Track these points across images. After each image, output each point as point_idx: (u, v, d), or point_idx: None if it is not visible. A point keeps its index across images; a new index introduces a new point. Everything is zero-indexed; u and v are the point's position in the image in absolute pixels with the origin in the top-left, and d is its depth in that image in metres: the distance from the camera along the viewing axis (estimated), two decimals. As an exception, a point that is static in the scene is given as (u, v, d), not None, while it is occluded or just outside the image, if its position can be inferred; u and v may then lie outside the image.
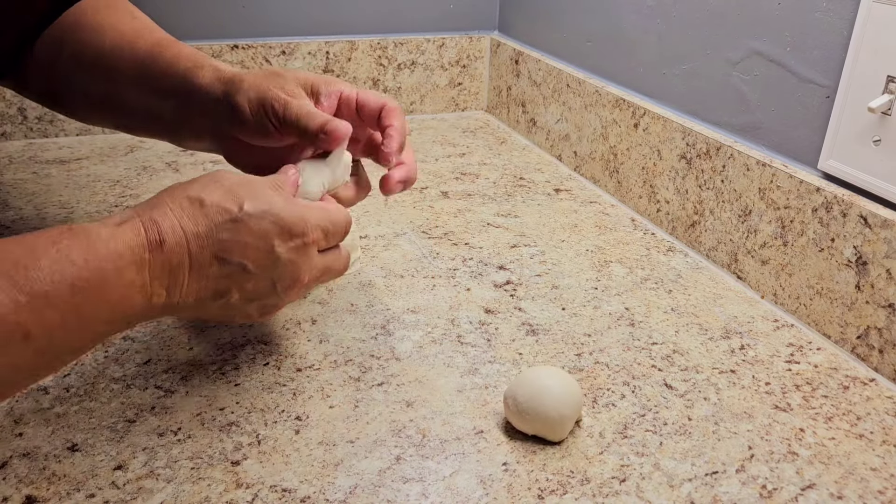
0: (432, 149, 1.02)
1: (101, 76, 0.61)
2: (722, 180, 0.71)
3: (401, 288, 0.67)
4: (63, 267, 0.39)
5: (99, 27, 0.61)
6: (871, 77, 0.58)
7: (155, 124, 0.61)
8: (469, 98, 1.18)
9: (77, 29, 0.62)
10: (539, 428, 0.48)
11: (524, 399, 0.48)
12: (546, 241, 0.76)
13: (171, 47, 0.59)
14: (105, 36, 0.61)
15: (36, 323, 0.38)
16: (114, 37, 0.61)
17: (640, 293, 0.67)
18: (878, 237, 0.56)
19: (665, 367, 0.57)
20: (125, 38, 0.60)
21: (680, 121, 0.77)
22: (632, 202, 0.85)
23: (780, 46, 0.66)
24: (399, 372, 0.55)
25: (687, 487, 0.46)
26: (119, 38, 0.60)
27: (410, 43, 1.11)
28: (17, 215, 0.77)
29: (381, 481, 0.45)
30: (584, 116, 0.93)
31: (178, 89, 0.57)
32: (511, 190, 0.89)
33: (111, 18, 0.62)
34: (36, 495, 0.43)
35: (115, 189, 0.84)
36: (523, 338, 0.60)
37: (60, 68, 0.62)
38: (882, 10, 0.56)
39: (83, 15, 0.62)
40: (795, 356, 0.59)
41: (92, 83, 0.62)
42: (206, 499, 0.44)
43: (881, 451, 0.49)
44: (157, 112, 0.59)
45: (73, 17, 0.62)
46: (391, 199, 0.85)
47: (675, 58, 0.79)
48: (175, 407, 0.51)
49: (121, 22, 0.62)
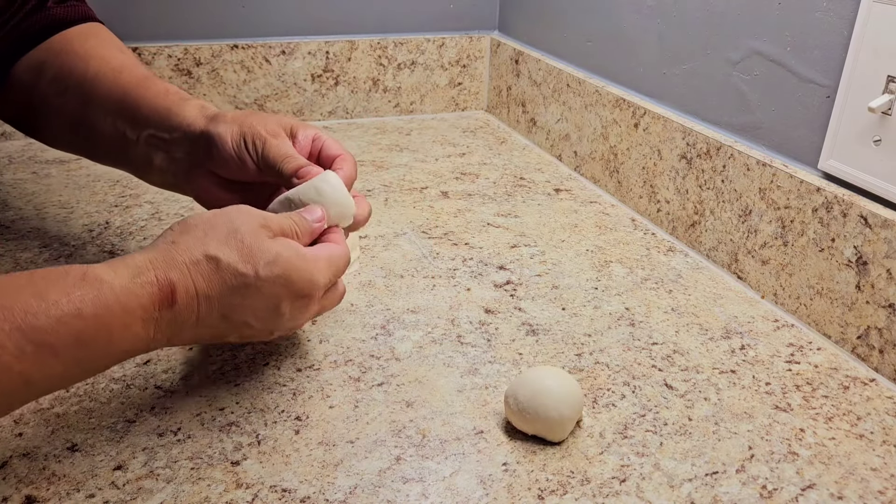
0: (432, 149, 1.02)
1: (80, 101, 0.61)
2: (722, 180, 0.71)
3: (401, 288, 0.67)
4: (72, 321, 0.39)
5: (85, 55, 0.62)
6: (871, 77, 0.58)
7: (124, 153, 0.61)
8: (469, 98, 1.18)
9: (62, 54, 0.63)
10: (539, 428, 0.48)
11: (525, 399, 0.48)
12: (546, 241, 0.76)
13: (158, 83, 0.60)
14: (90, 63, 0.62)
15: (39, 371, 0.39)
16: (99, 65, 0.61)
17: (641, 293, 0.67)
18: (879, 237, 0.56)
19: (665, 367, 0.57)
20: (110, 67, 0.61)
21: (680, 121, 0.77)
22: (632, 202, 0.85)
23: (781, 46, 0.66)
24: (399, 372, 0.55)
25: (687, 487, 0.46)
26: (104, 66, 0.61)
27: (410, 43, 1.11)
28: (17, 215, 0.77)
29: (381, 481, 0.45)
30: (584, 116, 0.93)
31: (160, 120, 0.58)
32: (511, 190, 0.89)
33: (99, 49, 0.63)
34: (36, 495, 0.43)
35: (115, 189, 0.84)
36: (523, 338, 0.60)
37: (39, 91, 0.63)
38: (882, 10, 0.56)
39: (69, 42, 0.63)
40: (796, 356, 0.59)
41: (68, 107, 0.62)
42: (206, 499, 0.44)
43: (881, 452, 0.49)
44: (131, 141, 0.59)
45: (59, 43, 0.63)
46: (391, 199, 0.85)
47: (675, 58, 0.79)
48: (175, 407, 0.51)
49: (108, 53, 0.63)
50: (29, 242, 0.71)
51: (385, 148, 1.01)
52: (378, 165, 0.95)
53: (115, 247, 0.71)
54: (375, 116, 1.14)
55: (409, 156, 0.99)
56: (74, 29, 0.64)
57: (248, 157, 0.54)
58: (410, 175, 0.92)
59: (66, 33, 0.64)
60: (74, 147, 0.67)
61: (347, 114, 1.12)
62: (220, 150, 0.55)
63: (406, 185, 0.89)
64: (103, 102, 0.60)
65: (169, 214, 0.78)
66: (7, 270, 0.66)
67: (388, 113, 1.14)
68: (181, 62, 1.01)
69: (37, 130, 0.68)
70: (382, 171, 0.93)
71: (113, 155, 0.63)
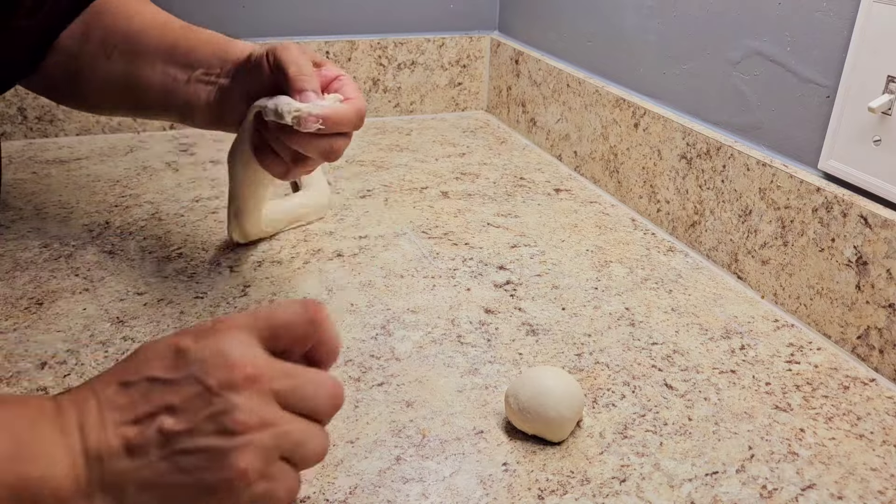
0: (432, 149, 1.02)
1: (127, 56, 0.64)
2: (722, 180, 0.71)
3: (401, 288, 0.67)
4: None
5: (127, 13, 0.66)
6: (871, 77, 0.58)
7: (172, 98, 0.63)
8: (469, 98, 1.18)
9: (104, 15, 0.66)
10: (540, 428, 0.48)
11: (526, 399, 0.48)
12: (546, 241, 0.76)
13: (204, 30, 0.65)
14: (133, 20, 0.65)
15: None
16: (143, 20, 0.65)
17: (641, 293, 0.67)
18: (879, 237, 0.56)
19: (665, 367, 0.57)
20: (156, 21, 0.65)
21: (680, 121, 0.77)
22: (632, 202, 0.85)
23: (780, 46, 0.66)
24: (399, 372, 0.55)
25: (687, 487, 0.46)
26: (149, 20, 0.65)
27: (410, 43, 1.11)
28: (18, 215, 0.77)
29: (381, 481, 0.45)
30: (584, 116, 0.93)
31: (214, 57, 0.62)
32: (511, 190, 0.89)
33: (138, 6, 0.67)
34: (36, 495, 0.43)
35: (114, 189, 0.84)
36: (523, 338, 0.60)
37: (85, 56, 0.65)
38: (882, 10, 0.56)
39: (110, 4, 0.67)
40: (796, 356, 0.59)
41: (115, 67, 0.65)
42: (206, 499, 0.43)
43: (881, 452, 0.49)
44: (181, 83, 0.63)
45: (100, 6, 0.67)
46: (391, 199, 0.85)
47: (675, 58, 0.79)
48: (175, 407, 0.51)
49: (148, 9, 0.67)
50: (29, 242, 0.71)
51: (385, 148, 1.01)
52: (378, 165, 0.95)
53: (115, 247, 0.71)
54: (375, 116, 1.14)
55: (409, 156, 0.99)
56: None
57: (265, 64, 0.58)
58: (410, 175, 0.92)
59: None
60: (120, 106, 0.70)
61: (347, 114, 1.12)
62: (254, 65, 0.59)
63: (406, 185, 0.89)
64: (153, 53, 0.63)
65: (169, 214, 0.78)
66: (7, 270, 0.66)
67: (388, 113, 1.14)
68: (181, 62, 1.01)
69: (82, 97, 0.70)
70: (382, 171, 0.93)
71: (161, 103, 0.65)
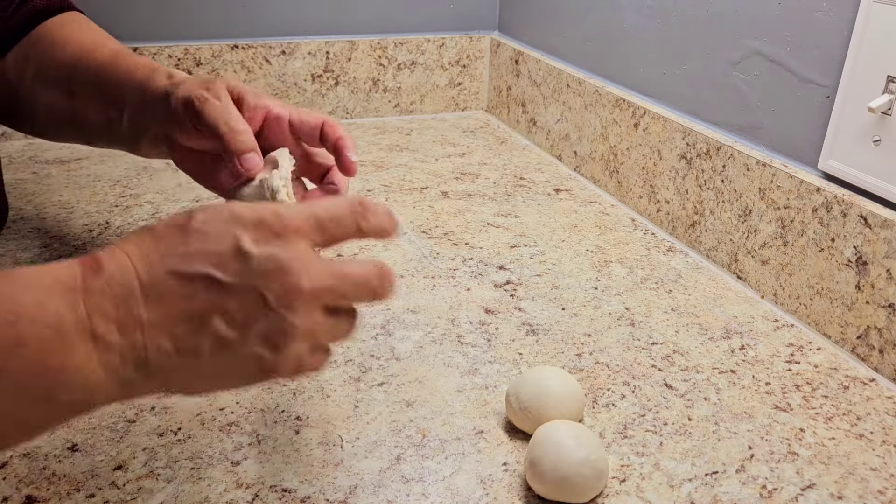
0: (432, 149, 1.02)
1: (64, 89, 0.61)
2: (722, 180, 0.71)
3: (401, 288, 0.67)
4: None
5: (62, 40, 0.63)
6: (871, 77, 0.58)
7: (114, 135, 0.61)
8: (469, 98, 1.18)
9: (42, 44, 0.63)
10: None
11: (527, 398, 0.48)
12: (546, 241, 0.76)
13: (128, 58, 0.60)
14: (66, 49, 0.62)
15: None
16: (74, 49, 0.62)
17: (641, 293, 0.67)
18: (878, 237, 0.56)
19: (665, 367, 0.57)
20: (85, 49, 0.61)
21: (680, 121, 0.77)
22: (632, 202, 0.85)
23: (780, 46, 0.66)
24: (399, 372, 0.55)
25: (687, 487, 0.46)
26: (79, 49, 0.62)
27: (410, 43, 1.11)
28: (18, 215, 0.77)
29: (381, 481, 0.45)
30: (584, 116, 0.93)
31: (134, 96, 0.57)
32: (511, 190, 0.89)
33: (75, 33, 0.64)
34: (36, 495, 0.43)
35: (115, 189, 0.84)
36: (523, 338, 0.60)
37: (27, 83, 0.63)
38: (882, 10, 0.56)
39: (48, 30, 0.64)
40: (795, 356, 0.59)
41: (55, 97, 0.62)
42: (206, 499, 0.44)
43: (881, 451, 0.49)
44: (116, 122, 0.59)
45: (39, 33, 0.64)
46: (391, 198, 0.85)
47: (675, 58, 0.79)
48: (175, 407, 0.51)
49: (83, 35, 0.63)
50: (29, 242, 0.71)
51: (385, 148, 1.01)
52: (378, 165, 0.95)
53: (115, 247, 0.71)
54: (375, 116, 1.14)
55: (409, 156, 0.99)
56: (54, 18, 0.65)
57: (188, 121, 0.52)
58: (410, 175, 0.92)
59: (46, 23, 0.64)
60: (66, 135, 0.67)
61: (347, 114, 1.12)
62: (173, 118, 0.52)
63: (406, 185, 0.89)
64: (86, 88, 0.60)
65: (169, 214, 0.78)
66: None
67: (388, 113, 1.14)
68: (181, 62, 1.01)
69: (29, 125, 0.68)
70: (382, 171, 0.93)
71: (105, 138, 0.63)
